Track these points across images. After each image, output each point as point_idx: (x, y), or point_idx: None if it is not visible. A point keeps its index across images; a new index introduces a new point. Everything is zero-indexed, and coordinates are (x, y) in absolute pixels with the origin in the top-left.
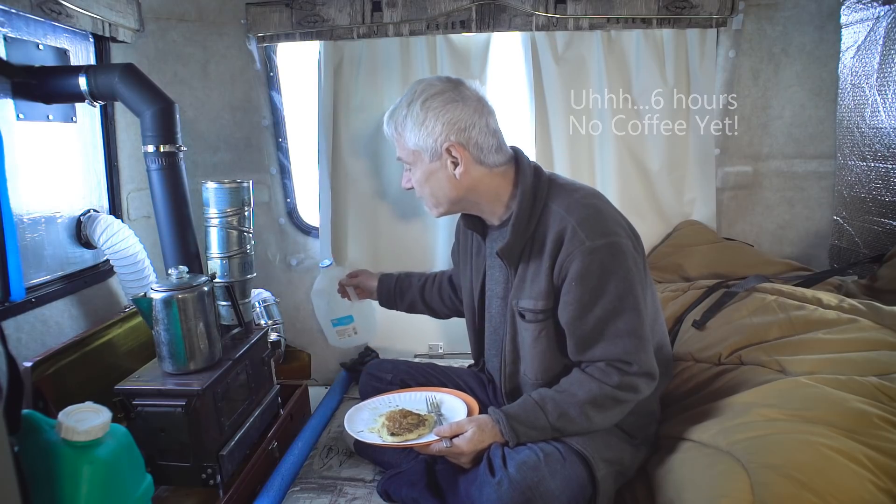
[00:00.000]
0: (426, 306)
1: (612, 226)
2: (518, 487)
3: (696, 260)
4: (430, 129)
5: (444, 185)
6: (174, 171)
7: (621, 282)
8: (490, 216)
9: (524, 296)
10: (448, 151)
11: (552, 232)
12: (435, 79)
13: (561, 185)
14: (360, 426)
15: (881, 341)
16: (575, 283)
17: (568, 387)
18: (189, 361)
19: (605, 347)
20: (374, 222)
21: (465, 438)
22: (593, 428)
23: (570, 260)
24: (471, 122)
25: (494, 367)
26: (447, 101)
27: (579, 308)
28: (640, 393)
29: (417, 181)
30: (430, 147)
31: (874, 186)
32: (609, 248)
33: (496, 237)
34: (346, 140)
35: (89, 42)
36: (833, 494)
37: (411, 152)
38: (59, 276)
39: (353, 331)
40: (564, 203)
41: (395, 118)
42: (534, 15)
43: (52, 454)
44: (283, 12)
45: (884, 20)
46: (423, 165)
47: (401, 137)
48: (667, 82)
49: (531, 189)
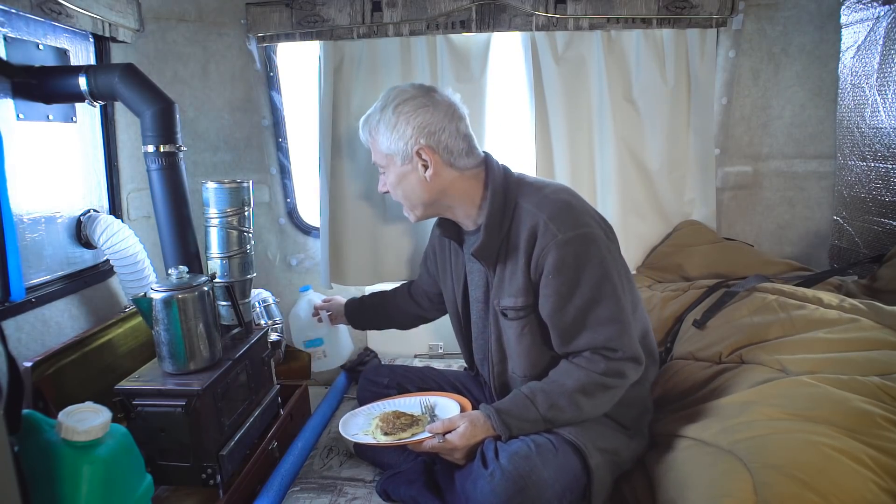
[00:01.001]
0: (389, 320)
1: (583, 217)
2: (511, 477)
3: (697, 260)
4: (400, 132)
5: (416, 188)
6: (174, 171)
7: (597, 270)
8: (465, 219)
9: (504, 294)
10: (418, 154)
11: (525, 228)
12: (408, 85)
13: (529, 183)
14: (354, 430)
15: (882, 341)
16: (552, 276)
17: (556, 377)
18: (189, 361)
19: (589, 336)
20: (374, 222)
21: (457, 434)
22: (584, 416)
23: (544, 254)
24: (440, 126)
25: (484, 369)
26: (418, 105)
27: (558, 300)
28: (628, 378)
29: (391, 184)
30: (402, 150)
31: (874, 186)
32: (581, 238)
33: (472, 242)
34: (346, 140)
35: (89, 42)
36: (835, 494)
37: (384, 156)
38: (59, 276)
39: (322, 353)
40: (534, 200)
41: (369, 123)
42: (534, 15)
43: (52, 454)
44: (283, 12)
45: (884, 20)
46: (395, 168)
47: (374, 142)
48: (667, 82)
49: (501, 189)
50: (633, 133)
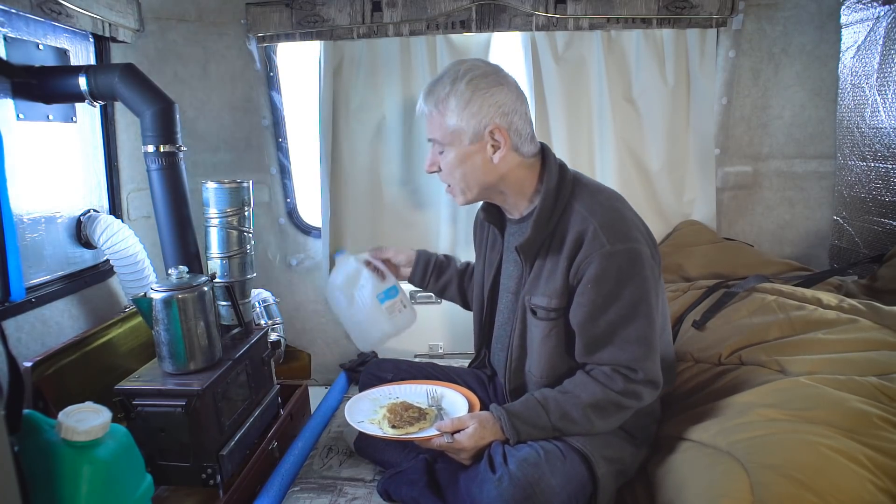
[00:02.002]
0: (459, 292)
1: (633, 231)
2: (518, 484)
3: (696, 260)
4: (475, 109)
5: (478, 170)
6: (174, 171)
7: (636, 289)
8: (512, 209)
9: (538, 293)
10: (491, 134)
11: (572, 231)
12: (479, 60)
13: (585, 184)
14: (359, 417)
15: (881, 341)
16: (591, 285)
17: (572, 388)
18: (189, 361)
19: (613, 352)
20: (375, 222)
21: (466, 434)
22: (594, 431)
23: (588, 262)
24: (513, 107)
25: (500, 362)
26: (493, 83)
27: (592, 310)
28: (643, 401)
29: (449, 163)
30: (473, 128)
31: (874, 186)
32: (628, 253)
33: (514, 231)
34: (347, 140)
35: (89, 42)
36: (833, 494)
37: (449, 133)
38: (59, 276)
39: (401, 304)
40: (587, 204)
41: (435, 95)
42: (534, 15)
43: (52, 454)
44: (283, 12)
45: (884, 20)
46: (460, 147)
47: (441, 116)
48: (667, 82)
49: (556, 186)
50: (633, 133)
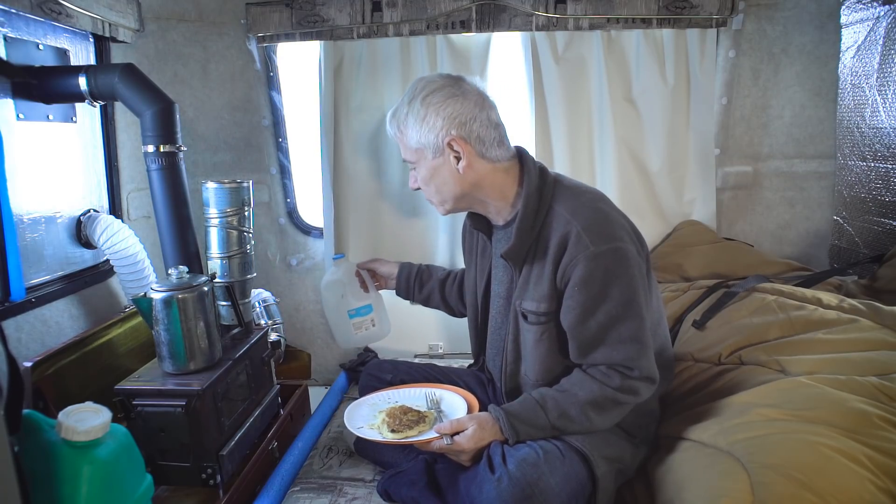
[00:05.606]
0: (443, 301)
1: (617, 231)
2: (518, 484)
3: (696, 260)
4: (430, 124)
5: (448, 181)
6: (174, 171)
7: (625, 288)
8: (495, 216)
9: (527, 297)
10: (450, 146)
11: (556, 235)
12: (435, 76)
13: (566, 186)
14: (359, 422)
15: (881, 341)
16: (578, 287)
17: (569, 387)
18: (189, 361)
19: (607, 352)
20: (376, 222)
21: (465, 436)
22: (592, 429)
23: (573, 264)
24: (471, 115)
25: (495, 367)
26: (447, 95)
27: (582, 313)
28: (640, 396)
29: (423, 179)
30: (432, 143)
31: (874, 186)
32: (613, 253)
33: (501, 237)
34: (347, 140)
35: (89, 42)
36: (833, 494)
37: (414, 151)
38: (59, 276)
39: (370, 323)
40: (569, 206)
41: (397, 117)
42: (534, 15)
43: (52, 454)
44: (283, 12)
45: (884, 20)
46: (426, 163)
47: (403, 136)
48: (667, 82)
49: (536, 190)
50: (633, 133)
